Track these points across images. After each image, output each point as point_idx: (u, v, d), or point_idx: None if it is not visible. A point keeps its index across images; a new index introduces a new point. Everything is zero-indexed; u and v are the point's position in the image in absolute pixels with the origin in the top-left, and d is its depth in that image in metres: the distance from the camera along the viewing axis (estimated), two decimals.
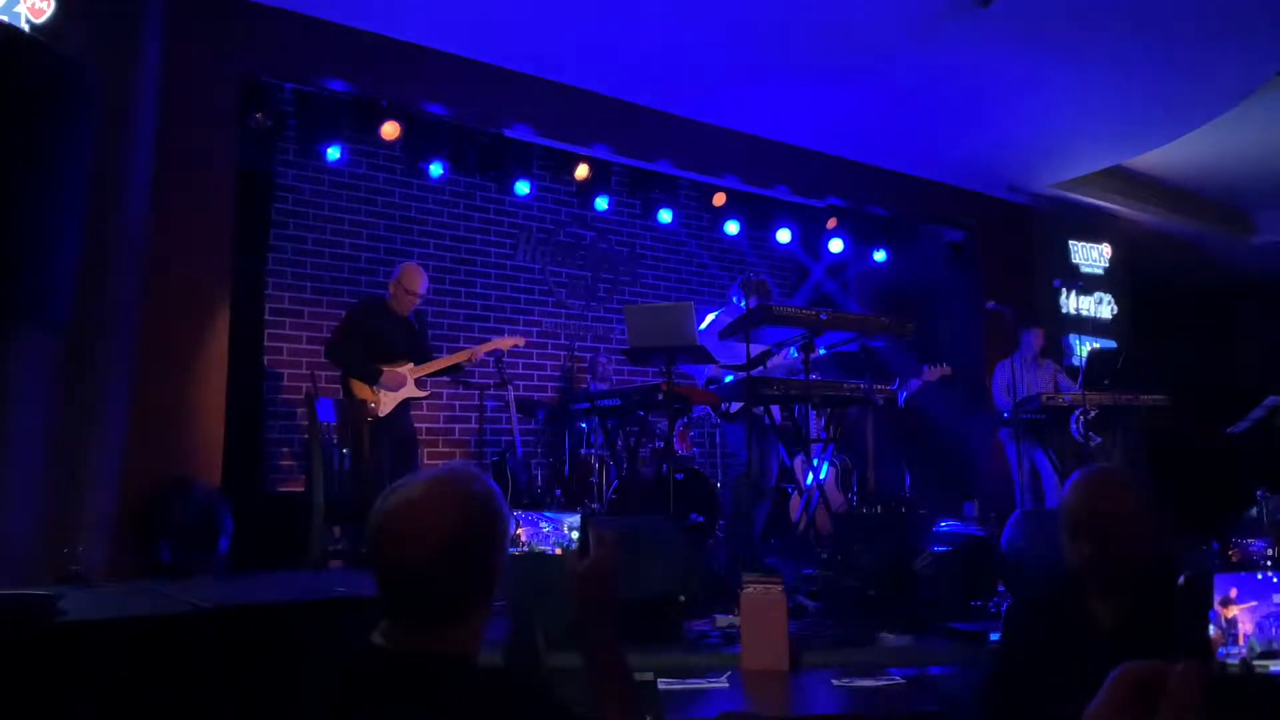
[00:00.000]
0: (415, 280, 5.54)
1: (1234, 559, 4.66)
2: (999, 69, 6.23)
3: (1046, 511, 5.27)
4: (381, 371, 5.39)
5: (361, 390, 5.36)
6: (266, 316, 6.43)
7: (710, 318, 5.64)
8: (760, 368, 5.00)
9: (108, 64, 4.15)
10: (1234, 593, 0.99)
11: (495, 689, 1.36)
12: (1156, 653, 0.70)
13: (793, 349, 5.45)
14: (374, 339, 5.45)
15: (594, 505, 6.14)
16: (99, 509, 4.13)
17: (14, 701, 1.92)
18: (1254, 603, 1.00)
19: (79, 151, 2.25)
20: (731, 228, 8.04)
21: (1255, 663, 0.98)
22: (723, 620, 3.94)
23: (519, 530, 3.34)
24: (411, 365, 5.55)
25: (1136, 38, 5.81)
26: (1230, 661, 0.98)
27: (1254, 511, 5.39)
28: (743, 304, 5.71)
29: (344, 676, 1.39)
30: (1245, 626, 1.00)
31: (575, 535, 3.28)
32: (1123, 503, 2.02)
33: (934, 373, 6.32)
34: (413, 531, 1.34)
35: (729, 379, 5.43)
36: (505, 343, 6.07)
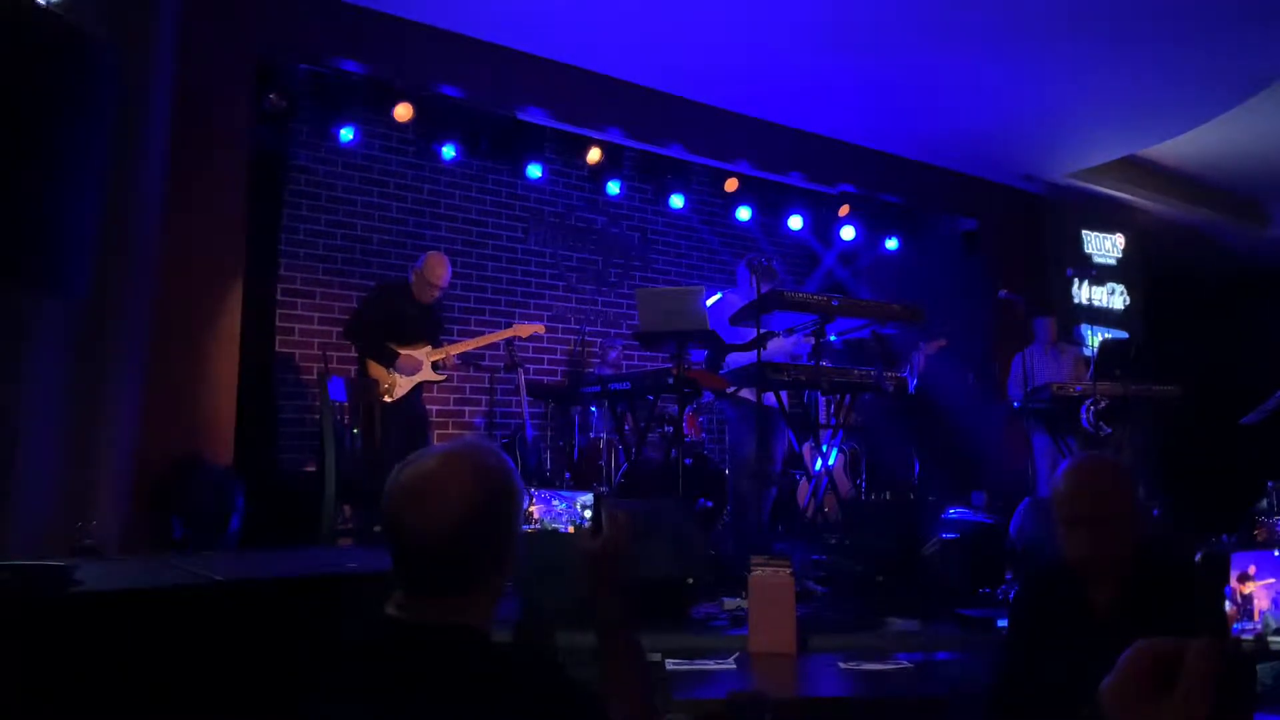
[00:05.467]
0: (437, 272, 5.56)
1: (1260, 538, 4.63)
2: (1016, 56, 6.19)
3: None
4: (398, 355, 5.42)
5: (377, 371, 5.40)
6: (278, 297, 6.45)
7: (715, 298, 5.61)
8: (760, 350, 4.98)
9: (123, 42, 4.15)
10: (1252, 569, 0.99)
11: (507, 663, 1.37)
12: (1158, 634, 0.70)
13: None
14: (392, 322, 5.48)
15: (602, 489, 6.15)
16: (112, 485, 4.16)
17: (30, 667, 1.94)
18: (1272, 579, 1.00)
19: (98, 128, 2.26)
20: (743, 214, 8.01)
21: (1271, 639, 0.98)
22: (730, 603, 3.95)
23: (532, 507, 3.36)
24: (429, 349, 5.57)
25: (1154, 27, 5.76)
26: (1245, 638, 0.98)
27: (1264, 503, 5.37)
28: (746, 283, 5.67)
29: (358, 647, 1.40)
30: (1261, 603, 0.99)
31: (588, 514, 3.30)
32: (1113, 488, 2.03)
33: (931, 346, 6.29)
34: (428, 503, 1.34)
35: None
36: (525, 330, 6.12)
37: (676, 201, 7.73)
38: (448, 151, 6.61)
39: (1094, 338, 8.55)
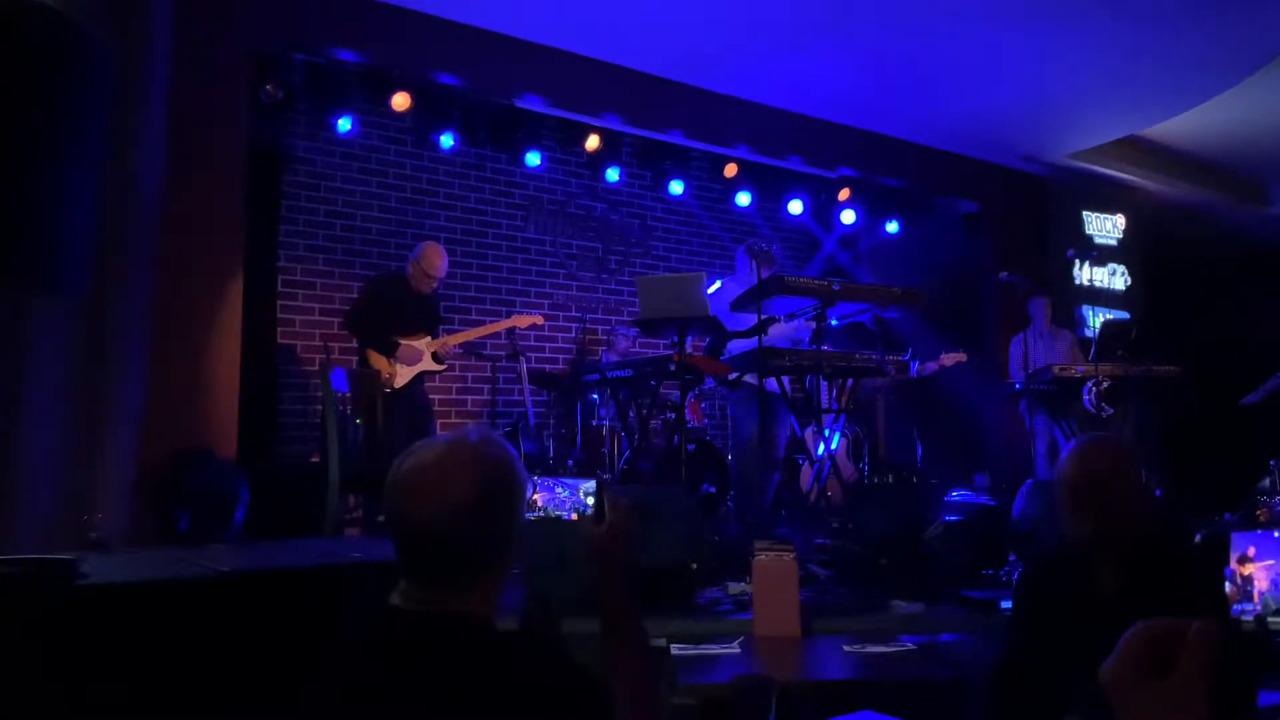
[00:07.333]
0: (434, 263, 5.57)
1: (1262, 519, 4.64)
2: (1014, 37, 6.16)
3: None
4: (398, 345, 5.43)
5: (378, 361, 5.42)
6: (279, 289, 6.45)
7: (715, 286, 5.61)
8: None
9: (118, 36, 4.14)
10: (1252, 551, 1.00)
11: (513, 650, 1.38)
12: (1160, 615, 0.70)
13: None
14: (391, 312, 5.49)
15: (605, 476, 6.16)
16: (116, 479, 4.17)
17: (37, 660, 1.95)
18: (1271, 561, 1.00)
19: (94, 123, 2.25)
20: (743, 199, 8.00)
21: (1270, 619, 0.99)
22: (735, 588, 3.97)
23: (535, 495, 3.37)
24: (429, 339, 5.59)
25: (1152, 5, 5.72)
26: (1245, 618, 0.98)
27: (1266, 482, 5.37)
28: (745, 268, 5.66)
29: (363, 636, 1.41)
30: (1261, 584, 1.00)
31: (591, 501, 3.30)
32: (1118, 470, 2.03)
33: (950, 359, 6.30)
34: (430, 492, 1.35)
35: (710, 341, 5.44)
36: (524, 320, 6.14)
37: (676, 188, 7.71)
38: (446, 140, 6.59)
39: (1095, 318, 8.54)
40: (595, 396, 6.55)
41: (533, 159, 7.01)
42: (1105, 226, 9.13)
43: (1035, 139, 8.04)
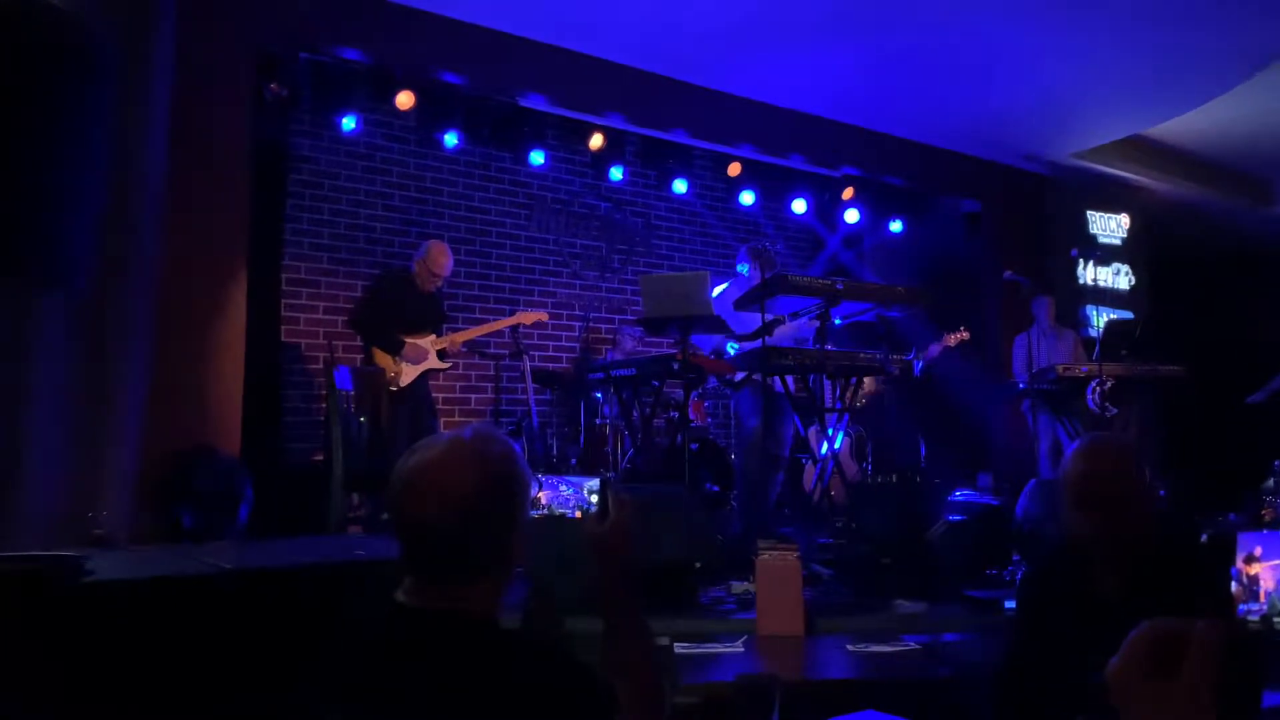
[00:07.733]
0: (440, 261, 5.59)
1: (1268, 518, 4.64)
2: (1018, 36, 6.15)
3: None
4: (404, 343, 5.44)
5: (383, 359, 5.43)
6: (283, 287, 6.46)
7: (720, 289, 5.61)
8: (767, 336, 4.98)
9: (123, 34, 4.14)
10: (1258, 550, 0.99)
11: (515, 648, 1.38)
12: (1165, 616, 0.70)
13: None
14: (396, 311, 5.50)
15: (609, 474, 6.16)
16: (120, 476, 4.17)
17: (45, 656, 1.96)
18: (1277, 560, 1.00)
19: (98, 119, 2.25)
20: (746, 198, 8.00)
21: (1276, 619, 0.98)
22: (738, 587, 3.97)
23: (540, 493, 3.37)
24: (434, 337, 5.60)
25: (1156, 4, 5.71)
26: (1251, 619, 0.98)
27: (1271, 482, 5.36)
28: (746, 269, 5.66)
29: (366, 634, 1.42)
30: (1267, 584, 0.99)
31: (594, 499, 3.31)
32: (1122, 470, 2.03)
33: (954, 338, 6.29)
34: (433, 489, 1.35)
35: (731, 346, 5.43)
36: (528, 317, 6.15)
37: (679, 187, 7.71)
38: (450, 139, 6.60)
39: (1099, 318, 8.53)
40: (599, 395, 6.55)
41: (536, 158, 7.01)
42: (1109, 226, 9.11)
43: (1038, 138, 8.03)
